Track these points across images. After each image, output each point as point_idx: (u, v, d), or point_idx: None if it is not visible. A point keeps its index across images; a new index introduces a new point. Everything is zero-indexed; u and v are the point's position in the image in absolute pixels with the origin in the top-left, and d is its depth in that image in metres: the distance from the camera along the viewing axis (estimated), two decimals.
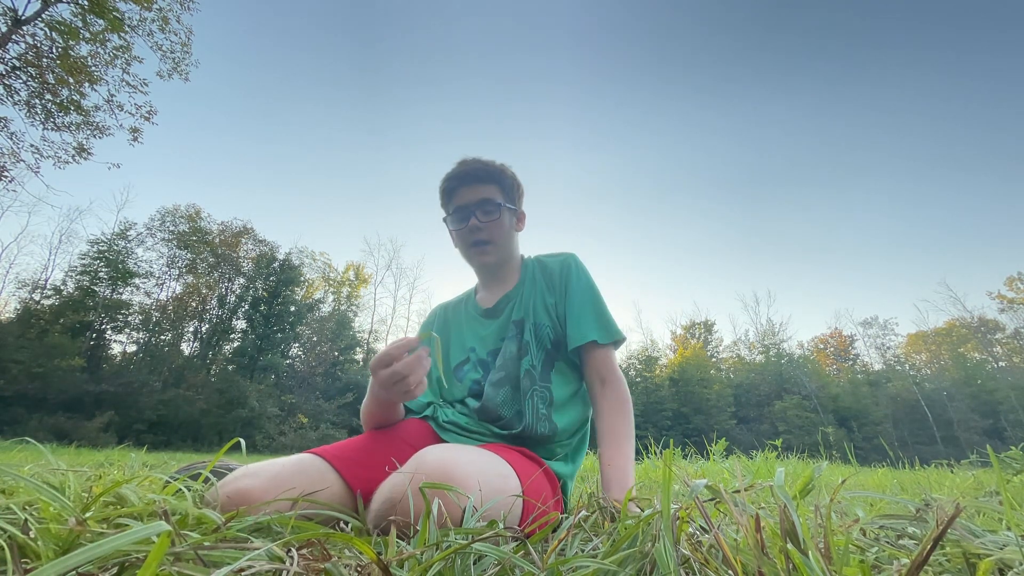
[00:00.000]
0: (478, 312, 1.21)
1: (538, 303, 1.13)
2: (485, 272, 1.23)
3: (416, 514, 0.61)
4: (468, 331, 1.20)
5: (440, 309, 1.32)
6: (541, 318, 1.11)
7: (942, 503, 0.74)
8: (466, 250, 1.18)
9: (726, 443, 3.96)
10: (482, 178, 1.13)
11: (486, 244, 1.14)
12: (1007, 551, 0.46)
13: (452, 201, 1.16)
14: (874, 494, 0.64)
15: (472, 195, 1.13)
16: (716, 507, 0.71)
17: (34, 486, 0.50)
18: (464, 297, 1.31)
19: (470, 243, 1.15)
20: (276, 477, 0.72)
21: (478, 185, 1.13)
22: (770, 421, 27.48)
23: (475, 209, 1.12)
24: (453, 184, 1.15)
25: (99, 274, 22.71)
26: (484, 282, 1.25)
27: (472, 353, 1.16)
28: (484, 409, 1.04)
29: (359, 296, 33.50)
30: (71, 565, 0.26)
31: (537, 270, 1.18)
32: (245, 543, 0.44)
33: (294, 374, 26.45)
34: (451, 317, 1.27)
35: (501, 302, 1.17)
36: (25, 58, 10.34)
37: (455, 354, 1.20)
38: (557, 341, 1.10)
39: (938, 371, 35.12)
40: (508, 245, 1.18)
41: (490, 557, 0.46)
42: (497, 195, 1.14)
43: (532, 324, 1.11)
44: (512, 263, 1.21)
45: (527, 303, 1.14)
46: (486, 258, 1.16)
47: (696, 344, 35.54)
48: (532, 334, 1.10)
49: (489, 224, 1.13)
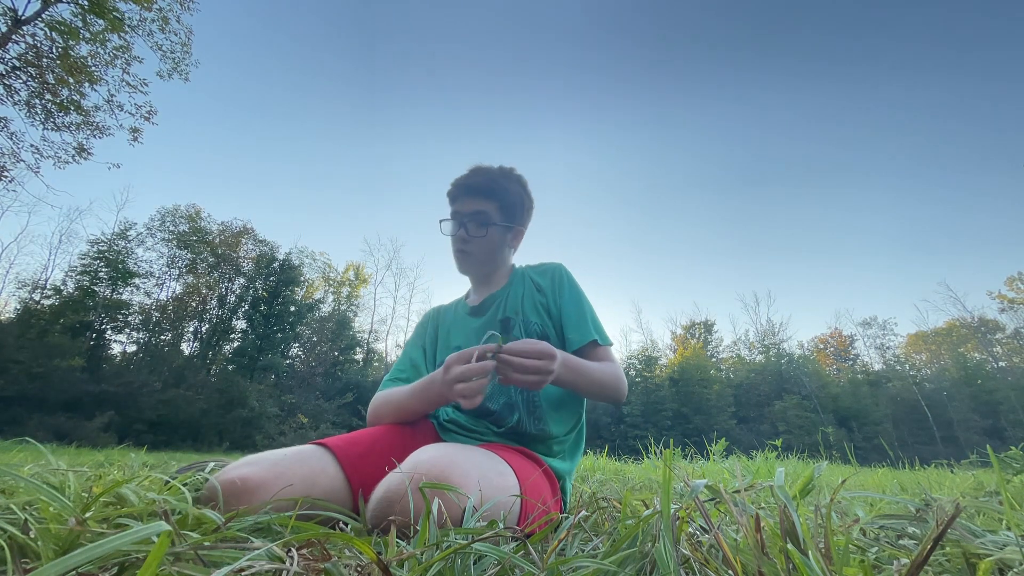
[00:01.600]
0: (465, 311, 1.25)
1: (527, 303, 1.16)
2: (471, 279, 1.29)
3: (415, 514, 0.61)
4: (455, 329, 1.23)
5: (433, 312, 1.37)
6: (530, 316, 1.14)
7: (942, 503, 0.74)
8: (453, 254, 1.24)
9: (726, 443, 3.96)
10: (483, 192, 1.17)
11: (467, 256, 1.19)
12: (1007, 551, 0.46)
13: (452, 206, 1.21)
14: (874, 494, 0.64)
15: (468, 206, 1.17)
16: (716, 507, 0.71)
17: (34, 486, 0.50)
18: (455, 301, 1.36)
19: (455, 250, 1.21)
20: (276, 465, 0.73)
21: (477, 198, 1.17)
22: (770, 421, 27.47)
23: (466, 220, 1.16)
24: (456, 192, 1.19)
25: (99, 274, 22.69)
26: (473, 284, 1.30)
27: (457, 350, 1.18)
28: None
29: (359, 296, 33.51)
30: (71, 565, 0.26)
31: (526, 276, 1.23)
32: (245, 543, 0.44)
33: (294, 374, 26.42)
34: (443, 318, 1.31)
35: (487, 300, 1.21)
36: (25, 58, 10.33)
37: (442, 352, 1.23)
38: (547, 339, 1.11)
39: (938, 371, 35.12)
40: (490, 260, 1.22)
41: (490, 557, 0.46)
42: (494, 212, 1.17)
43: (521, 321, 1.13)
44: (501, 271, 1.26)
45: (515, 301, 1.17)
46: (464, 267, 1.23)
47: (696, 344, 35.53)
48: (521, 331, 1.12)
49: (475, 239, 1.17)
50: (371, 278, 34.35)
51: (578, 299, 1.15)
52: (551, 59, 64.76)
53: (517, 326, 1.13)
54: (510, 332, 1.12)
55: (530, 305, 1.16)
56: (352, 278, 33.79)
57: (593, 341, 1.09)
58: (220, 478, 0.69)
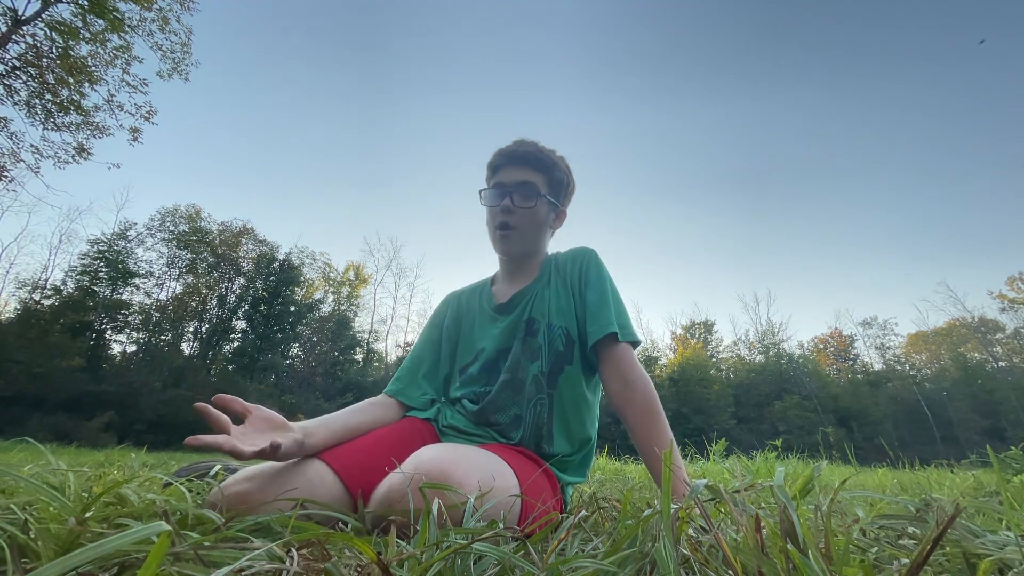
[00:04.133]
0: (491, 306, 1.15)
1: (553, 304, 1.08)
2: (506, 261, 1.17)
3: (415, 514, 0.61)
4: (479, 328, 1.15)
5: (453, 299, 1.25)
6: (555, 320, 1.06)
7: (942, 503, 0.73)
8: (492, 232, 1.12)
9: (726, 443, 3.96)
10: (531, 163, 1.09)
11: (511, 230, 1.09)
12: (1007, 551, 0.46)
13: (495, 176, 1.11)
14: (874, 494, 0.64)
15: (515, 176, 1.08)
16: (716, 507, 0.70)
17: (34, 486, 0.50)
18: (479, 287, 1.24)
19: (497, 224, 1.10)
20: (274, 479, 0.71)
21: (525, 168, 1.08)
22: (770, 421, 27.46)
23: (512, 191, 1.07)
24: (501, 161, 1.10)
25: (99, 274, 22.70)
26: (504, 272, 1.20)
27: (481, 353, 1.11)
28: (482, 412, 1.01)
29: (359, 296, 33.49)
30: (71, 565, 0.26)
31: (555, 267, 1.14)
32: (245, 543, 0.44)
33: (294, 374, 26.43)
34: (464, 309, 1.20)
35: (516, 297, 1.12)
36: (25, 58, 10.33)
37: (463, 353, 1.15)
38: (570, 344, 1.04)
39: (938, 371, 35.07)
40: (535, 238, 1.12)
41: (490, 557, 0.46)
42: (541, 184, 1.09)
43: (546, 326, 1.06)
44: (536, 258, 1.16)
45: (543, 303, 1.08)
46: (506, 244, 1.11)
47: (696, 344, 35.53)
48: (545, 337, 1.05)
49: (521, 210, 1.08)
50: (371, 278, 34.36)
51: (602, 288, 1.05)
52: (551, 58, 64.82)
53: (541, 331, 1.05)
54: (534, 336, 1.05)
55: (556, 307, 1.07)
56: (352, 278, 33.78)
57: (612, 337, 0.99)
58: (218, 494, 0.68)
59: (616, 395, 0.98)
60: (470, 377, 1.10)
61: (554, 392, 1.02)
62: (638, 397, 0.95)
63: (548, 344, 1.04)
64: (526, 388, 1.01)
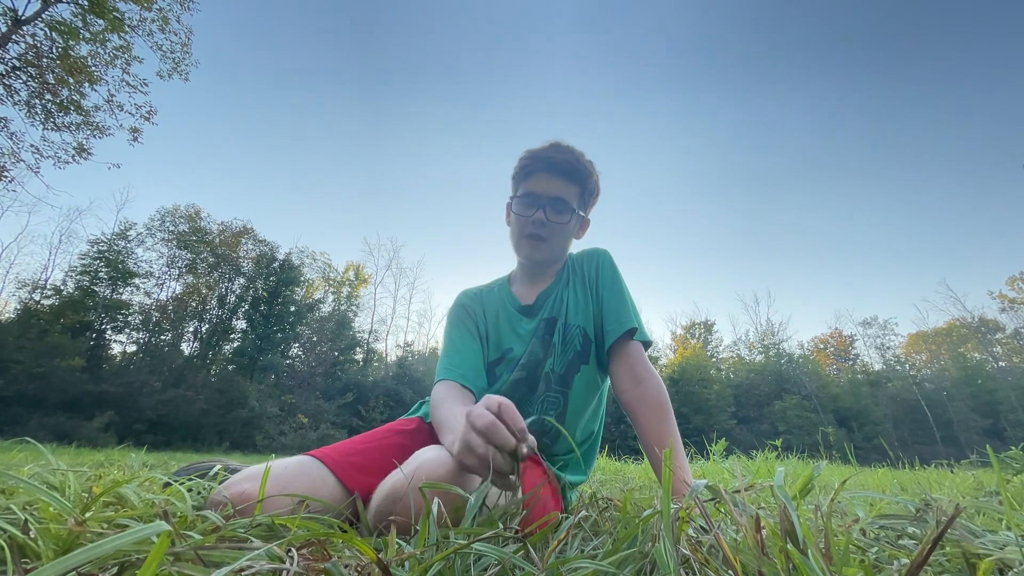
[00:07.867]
0: (516, 307, 1.15)
1: (572, 303, 1.09)
2: (529, 266, 1.18)
3: (416, 513, 0.61)
4: (505, 327, 1.14)
5: (471, 298, 1.21)
6: (573, 319, 1.07)
7: (942, 503, 0.73)
8: (519, 238, 1.12)
9: (726, 443, 3.95)
10: (568, 174, 1.07)
11: (542, 241, 1.09)
12: (1007, 551, 0.46)
13: (527, 181, 1.09)
14: (874, 494, 0.64)
15: (551, 188, 1.07)
16: (716, 507, 0.70)
17: (34, 487, 0.50)
18: (496, 287, 1.23)
19: (526, 233, 1.09)
20: (275, 480, 0.72)
21: (561, 180, 1.07)
22: (770, 421, 27.47)
23: (547, 204, 1.06)
24: (536, 166, 1.08)
25: (99, 274, 22.68)
26: (526, 274, 1.19)
27: (509, 353, 1.11)
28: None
29: (359, 296, 33.48)
30: (71, 565, 0.26)
31: (573, 267, 1.15)
32: (245, 543, 0.44)
33: (294, 374, 26.42)
34: (488, 307, 1.19)
35: (540, 298, 1.13)
36: (25, 58, 10.33)
37: (491, 350, 1.14)
38: (587, 343, 1.05)
39: (938, 371, 35.09)
40: (563, 250, 1.14)
41: (490, 557, 0.46)
42: (574, 198, 1.09)
43: (562, 324, 1.07)
44: (559, 264, 1.18)
45: (561, 302, 1.10)
46: (536, 254, 1.11)
47: (696, 344, 35.55)
48: (560, 335, 1.05)
49: (553, 224, 1.07)
50: (371, 278, 34.37)
51: (619, 288, 1.07)
52: (551, 58, 64.83)
53: (558, 329, 1.06)
54: (551, 334, 1.06)
55: (573, 306, 1.08)
56: (352, 278, 33.78)
57: (631, 331, 1.00)
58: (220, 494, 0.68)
59: (627, 392, 0.98)
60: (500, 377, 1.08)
61: (569, 391, 1.02)
62: (650, 395, 0.95)
63: (564, 342, 1.05)
64: (538, 385, 1.02)
